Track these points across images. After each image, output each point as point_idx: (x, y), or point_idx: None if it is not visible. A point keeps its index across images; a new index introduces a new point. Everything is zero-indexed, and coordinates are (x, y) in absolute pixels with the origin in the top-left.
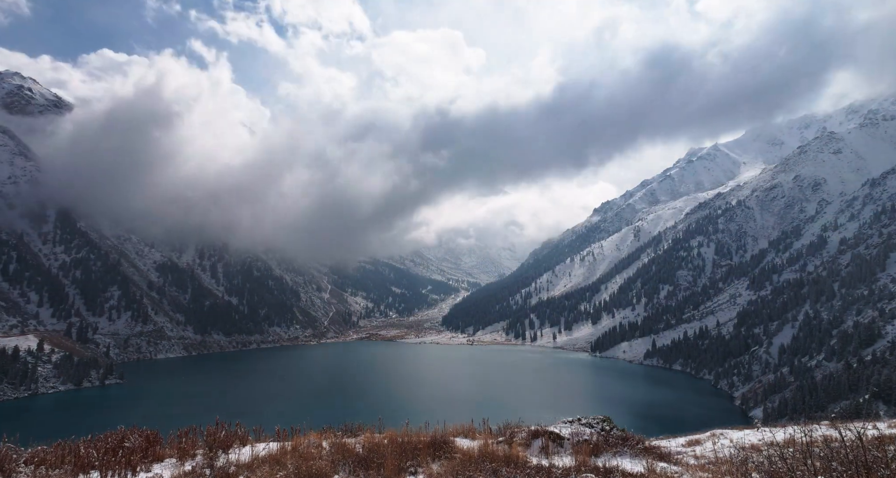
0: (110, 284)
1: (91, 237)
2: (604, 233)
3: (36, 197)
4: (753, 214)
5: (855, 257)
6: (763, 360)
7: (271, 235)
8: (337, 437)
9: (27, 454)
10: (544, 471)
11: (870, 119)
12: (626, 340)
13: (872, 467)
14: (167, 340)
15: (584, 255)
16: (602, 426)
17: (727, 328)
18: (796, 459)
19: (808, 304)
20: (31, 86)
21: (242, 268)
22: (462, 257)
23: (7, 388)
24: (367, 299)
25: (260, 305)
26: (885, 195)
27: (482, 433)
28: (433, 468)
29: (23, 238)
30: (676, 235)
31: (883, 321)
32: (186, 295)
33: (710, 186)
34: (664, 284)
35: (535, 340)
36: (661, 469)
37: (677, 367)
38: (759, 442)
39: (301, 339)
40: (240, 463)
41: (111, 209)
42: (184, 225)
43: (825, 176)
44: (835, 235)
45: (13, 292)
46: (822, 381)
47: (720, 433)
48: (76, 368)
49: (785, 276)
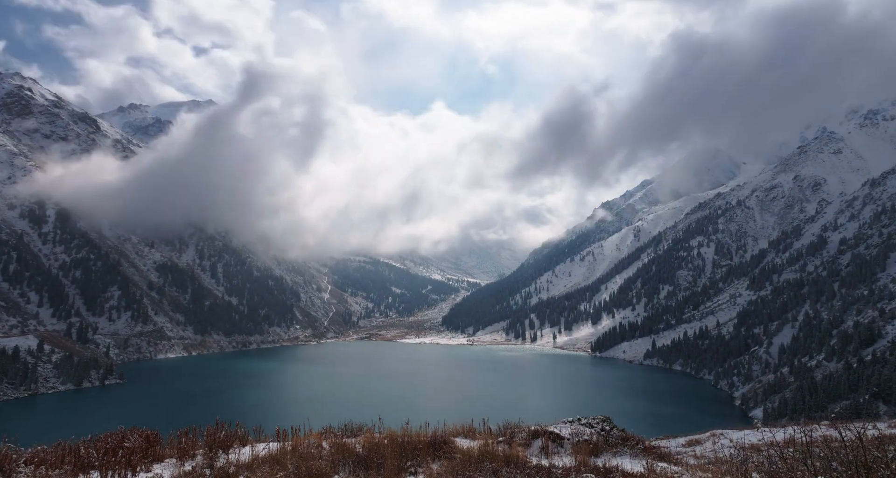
0: (110, 284)
1: (91, 237)
2: (604, 233)
3: (36, 197)
4: (753, 214)
5: (855, 257)
6: (763, 360)
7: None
8: (337, 437)
9: (27, 454)
10: (544, 471)
11: (870, 119)
12: (626, 341)
13: (872, 468)
14: (167, 341)
15: (584, 255)
16: (602, 426)
17: (727, 328)
18: (796, 459)
19: (808, 304)
20: (31, 86)
21: (242, 268)
22: (462, 257)
23: (7, 388)
24: (367, 299)
25: (260, 305)
26: (885, 195)
27: (482, 433)
28: (433, 468)
29: (23, 238)
30: (676, 235)
31: (883, 321)
32: (186, 295)
33: (710, 186)
34: (664, 284)
35: (535, 340)
36: (662, 469)
37: (677, 367)
38: (759, 442)
39: (301, 339)
40: (240, 463)
41: (111, 209)
42: (184, 225)
43: (825, 176)
44: (835, 236)
45: (13, 292)
46: (822, 381)
47: (720, 433)
48: (76, 368)
49: (785, 276)
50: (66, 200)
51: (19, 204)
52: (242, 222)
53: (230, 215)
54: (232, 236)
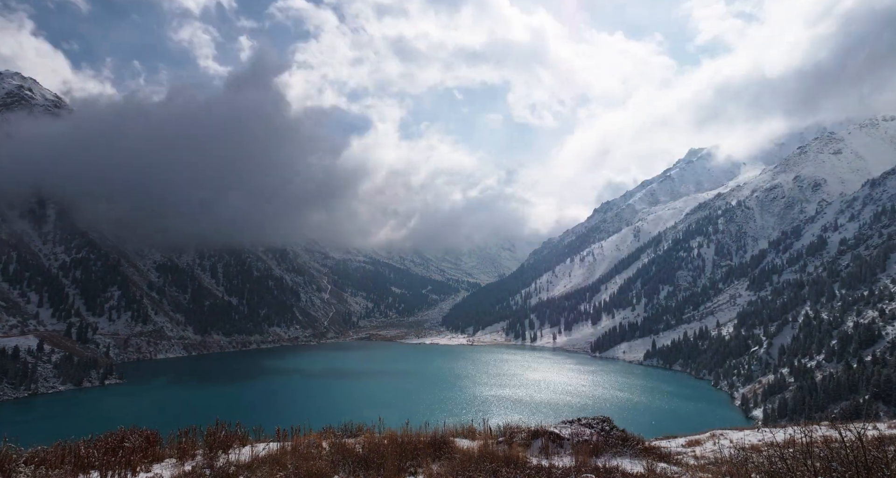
0: (110, 284)
1: (91, 237)
2: (604, 233)
3: (36, 197)
4: (753, 214)
5: (855, 258)
6: (763, 360)
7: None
8: (337, 437)
9: (27, 454)
10: (544, 471)
11: (870, 119)
12: (625, 341)
13: (872, 468)
14: (167, 341)
15: (584, 255)
16: (602, 427)
17: (727, 329)
18: (796, 459)
19: (807, 304)
20: (31, 86)
21: (242, 268)
22: (462, 257)
23: (7, 388)
24: (367, 300)
25: (260, 306)
26: (885, 196)
27: (482, 434)
28: (433, 469)
29: (23, 238)
30: (676, 236)
31: (883, 322)
32: (186, 295)
33: (709, 186)
34: (664, 285)
35: (535, 340)
36: (661, 470)
37: (677, 367)
38: (759, 442)
39: (301, 339)
40: (240, 463)
41: (111, 209)
42: (184, 225)
43: (825, 176)
44: (835, 236)
45: (13, 292)
46: (821, 381)
47: (720, 434)
48: (76, 368)
49: (785, 276)
50: (66, 199)
51: (19, 204)
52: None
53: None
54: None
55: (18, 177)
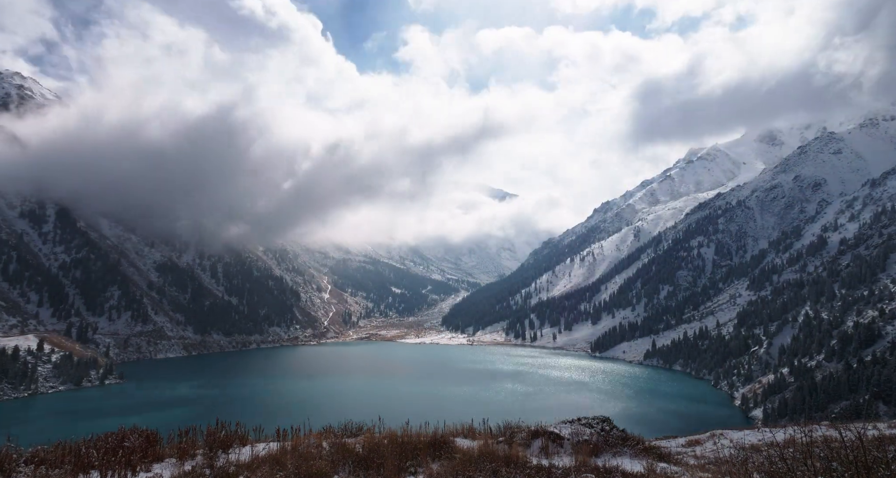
0: (110, 284)
1: (91, 237)
2: (604, 233)
3: (36, 196)
4: (753, 214)
5: (855, 258)
6: (763, 360)
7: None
8: (337, 437)
9: (27, 454)
10: (544, 471)
11: (870, 119)
12: (626, 341)
13: (872, 468)
14: (167, 340)
15: (584, 255)
16: (602, 427)
17: (727, 329)
18: (796, 459)
19: (808, 304)
20: (32, 86)
21: (242, 268)
22: (462, 257)
23: (7, 388)
24: (367, 299)
25: (260, 305)
26: (886, 196)
27: (482, 433)
28: (433, 468)
29: (23, 238)
30: (676, 236)
31: (883, 322)
32: (186, 295)
33: (710, 186)
34: (664, 285)
35: (535, 340)
36: (662, 469)
37: (677, 367)
38: (759, 442)
39: (301, 339)
40: (240, 463)
41: (111, 209)
42: (184, 225)
43: (825, 176)
44: (835, 236)
45: (13, 292)
46: (822, 381)
47: (720, 434)
48: (76, 367)
49: (785, 276)
50: (66, 198)
51: (19, 204)
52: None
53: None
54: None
55: (18, 177)
